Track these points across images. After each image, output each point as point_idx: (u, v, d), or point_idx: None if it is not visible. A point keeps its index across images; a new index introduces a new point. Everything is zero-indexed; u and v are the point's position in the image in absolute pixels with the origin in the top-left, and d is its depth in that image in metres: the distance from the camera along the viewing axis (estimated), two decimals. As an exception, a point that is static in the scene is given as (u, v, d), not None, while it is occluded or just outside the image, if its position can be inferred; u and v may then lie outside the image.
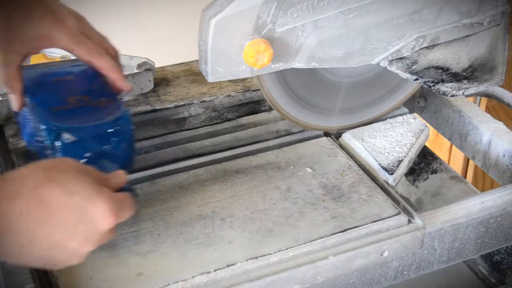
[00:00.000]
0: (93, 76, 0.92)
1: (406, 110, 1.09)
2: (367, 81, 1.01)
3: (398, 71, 0.94)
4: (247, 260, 0.81)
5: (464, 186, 1.17)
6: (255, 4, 0.81)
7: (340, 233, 0.85)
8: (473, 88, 0.98)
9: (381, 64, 0.93)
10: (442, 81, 0.96)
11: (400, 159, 0.97)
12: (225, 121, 1.06)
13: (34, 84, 0.93)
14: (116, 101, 0.90)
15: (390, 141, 1.00)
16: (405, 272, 0.89)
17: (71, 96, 0.91)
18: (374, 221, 0.86)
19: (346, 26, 0.87)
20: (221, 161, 0.97)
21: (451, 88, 0.96)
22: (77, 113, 0.88)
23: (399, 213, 0.88)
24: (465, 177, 2.02)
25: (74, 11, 0.95)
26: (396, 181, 0.95)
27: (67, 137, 0.83)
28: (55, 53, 1.12)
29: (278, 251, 0.82)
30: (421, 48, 0.93)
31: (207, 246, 0.82)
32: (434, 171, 1.20)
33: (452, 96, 0.97)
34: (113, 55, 0.94)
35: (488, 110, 1.87)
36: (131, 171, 0.90)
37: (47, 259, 0.70)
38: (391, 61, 0.92)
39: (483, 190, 1.01)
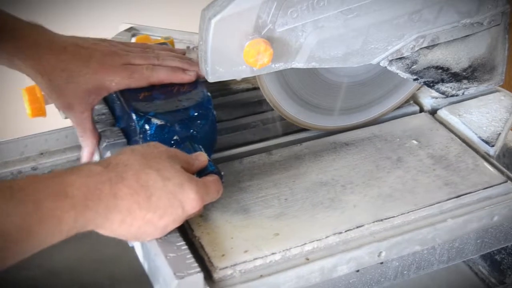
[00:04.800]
0: None
1: (493, 89, 1.13)
2: (367, 81, 1.02)
3: (398, 71, 0.95)
4: (373, 222, 0.86)
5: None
6: (255, 4, 0.81)
7: (455, 198, 0.90)
8: (473, 88, 1.01)
9: (381, 64, 0.93)
10: (442, 81, 0.98)
11: (498, 132, 1.02)
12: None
13: None
14: (197, 86, 0.96)
15: (486, 116, 1.05)
16: (405, 272, 0.90)
17: None
18: (485, 188, 0.92)
19: (346, 26, 0.87)
20: (329, 134, 1.03)
21: (451, 88, 0.99)
22: (162, 98, 0.93)
23: (506, 181, 0.93)
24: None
25: (101, 40, 0.97)
26: (496, 153, 1.00)
27: (155, 122, 0.90)
28: (157, 36, 1.17)
29: (401, 214, 0.87)
30: (421, 48, 0.93)
31: (334, 209, 0.88)
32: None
33: (452, 96, 1.00)
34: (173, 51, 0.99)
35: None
36: (216, 150, 0.97)
37: (137, 233, 0.78)
38: (391, 61, 0.93)
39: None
